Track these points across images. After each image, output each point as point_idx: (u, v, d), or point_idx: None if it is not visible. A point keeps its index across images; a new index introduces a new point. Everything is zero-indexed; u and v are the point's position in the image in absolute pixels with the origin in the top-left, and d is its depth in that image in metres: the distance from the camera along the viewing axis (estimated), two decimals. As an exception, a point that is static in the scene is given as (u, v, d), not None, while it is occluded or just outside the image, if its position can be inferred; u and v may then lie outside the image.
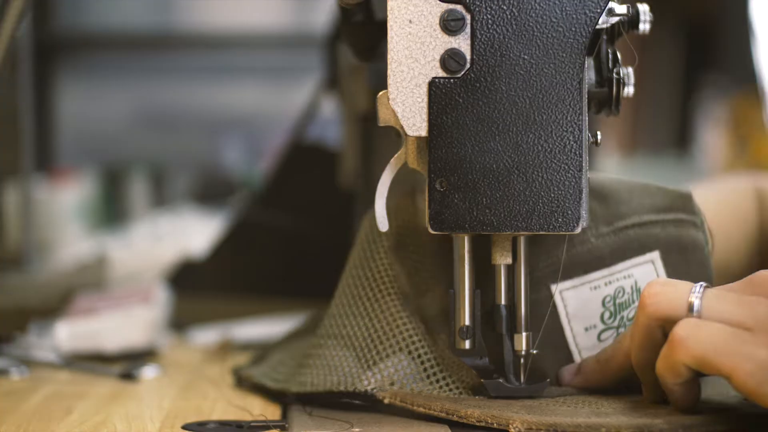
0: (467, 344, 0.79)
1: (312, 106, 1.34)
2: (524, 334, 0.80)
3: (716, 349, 0.66)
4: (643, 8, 0.84)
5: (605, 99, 0.83)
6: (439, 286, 0.83)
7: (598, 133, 0.80)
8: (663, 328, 0.72)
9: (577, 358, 0.82)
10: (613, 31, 0.84)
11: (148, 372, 0.98)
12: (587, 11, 0.76)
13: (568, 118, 0.76)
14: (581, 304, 0.83)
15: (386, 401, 0.78)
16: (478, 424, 0.74)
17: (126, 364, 1.01)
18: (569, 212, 0.76)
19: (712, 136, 3.26)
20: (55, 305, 1.20)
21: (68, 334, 1.06)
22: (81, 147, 2.59)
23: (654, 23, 0.82)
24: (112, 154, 2.60)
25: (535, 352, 0.81)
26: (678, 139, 3.47)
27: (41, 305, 1.21)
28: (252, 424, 0.78)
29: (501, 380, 0.79)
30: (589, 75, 0.83)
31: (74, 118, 2.67)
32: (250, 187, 2.01)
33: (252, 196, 1.42)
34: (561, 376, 0.81)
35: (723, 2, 3.14)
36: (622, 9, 0.80)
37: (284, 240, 1.31)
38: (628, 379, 0.78)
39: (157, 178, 2.12)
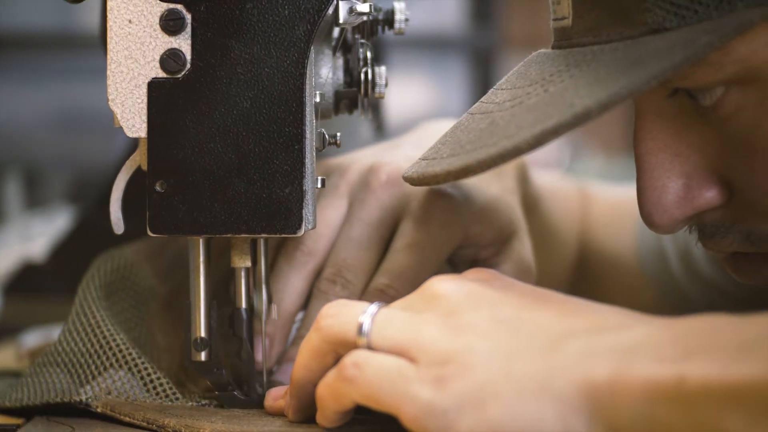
0: (203, 356, 0.78)
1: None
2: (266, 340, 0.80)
3: (382, 389, 0.63)
4: (400, 6, 0.83)
5: (355, 99, 0.82)
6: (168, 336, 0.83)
7: (338, 134, 0.79)
8: (336, 352, 0.68)
9: None
10: (368, 30, 0.83)
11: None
12: (310, 9, 0.74)
13: (290, 118, 0.74)
14: None
15: (99, 410, 0.77)
16: None
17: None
18: (292, 214, 0.74)
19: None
20: None
21: None
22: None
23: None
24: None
25: (275, 369, 0.81)
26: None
27: None
28: (-20, 429, 0.78)
29: (236, 393, 0.78)
30: (338, 75, 0.82)
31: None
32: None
33: (93, 196, 1.40)
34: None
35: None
36: (364, 8, 0.78)
37: (124, 240, 1.29)
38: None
39: (34, 179, 2.10)
